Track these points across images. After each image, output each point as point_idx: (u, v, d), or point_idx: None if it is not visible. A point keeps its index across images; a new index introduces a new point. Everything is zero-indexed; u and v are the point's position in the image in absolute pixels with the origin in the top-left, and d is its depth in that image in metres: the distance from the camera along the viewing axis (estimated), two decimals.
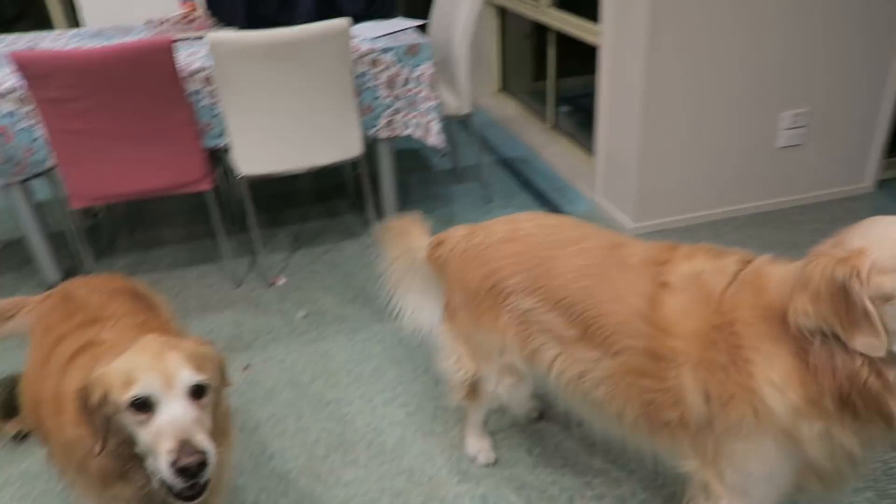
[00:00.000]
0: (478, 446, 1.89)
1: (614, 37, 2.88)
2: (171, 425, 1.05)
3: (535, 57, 4.58)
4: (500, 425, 1.99)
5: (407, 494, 1.80)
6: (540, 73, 4.35)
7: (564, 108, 4.16)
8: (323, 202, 3.42)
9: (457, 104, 3.07)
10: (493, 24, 4.63)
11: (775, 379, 1.11)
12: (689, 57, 2.70)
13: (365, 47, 2.66)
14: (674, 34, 2.64)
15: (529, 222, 1.55)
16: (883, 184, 3.28)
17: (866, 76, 2.97)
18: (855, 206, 3.15)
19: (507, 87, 4.83)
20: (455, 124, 3.54)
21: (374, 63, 2.68)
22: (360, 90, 2.67)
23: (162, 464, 1.03)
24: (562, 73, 4.02)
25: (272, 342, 2.38)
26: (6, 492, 1.83)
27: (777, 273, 1.17)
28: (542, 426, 2.00)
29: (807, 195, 3.16)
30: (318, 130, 2.59)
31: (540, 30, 4.10)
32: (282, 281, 2.74)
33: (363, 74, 2.68)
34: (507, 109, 4.61)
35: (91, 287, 1.48)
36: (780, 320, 1.12)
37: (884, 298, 0.99)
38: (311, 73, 2.44)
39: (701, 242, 1.34)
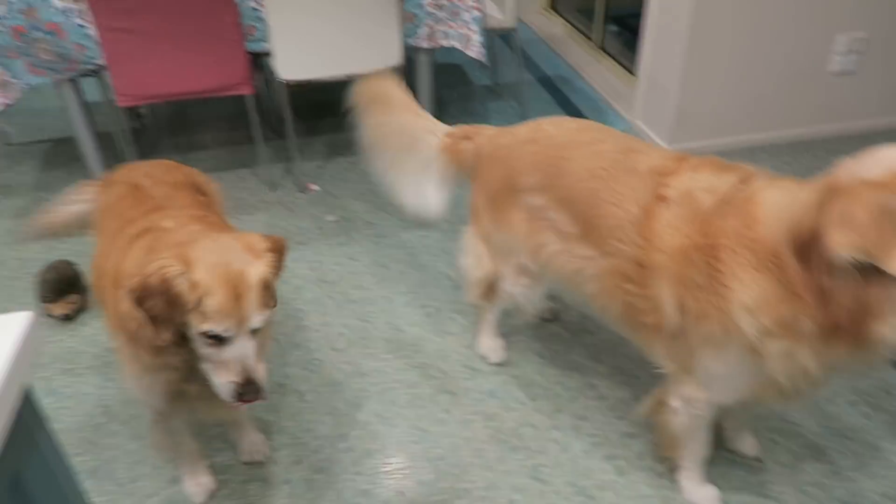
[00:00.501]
0: (490, 345, 1.98)
1: None
2: (237, 361, 1.16)
3: None
4: (513, 328, 2.08)
5: (420, 386, 1.92)
6: None
7: (612, 28, 4.03)
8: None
9: (501, 17, 3.02)
10: None
11: (749, 303, 1.16)
12: None
13: None
14: None
15: (552, 125, 1.59)
16: None
17: None
18: None
19: (556, 3, 4.69)
20: (498, 39, 3.49)
21: None
22: None
23: (223, 387, 1.17)
24: None
25: (302, 244, 2.50)
26: (54, 367, 2.01)
27: (769, 200, 1.18)
28: (555, 329, 2.08)
29: (851, 125, 3.05)
30: (359, 37, 2.60)
31: None
32: (315, 187, 2.83)
33: None
34: (555, 27, 4.50)
35: (156, 178, 1.55)
36: (765, 251, 1.14)
37: None
38: None
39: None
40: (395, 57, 2.68)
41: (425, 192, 1.81)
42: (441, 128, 1.79)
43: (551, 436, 1.77)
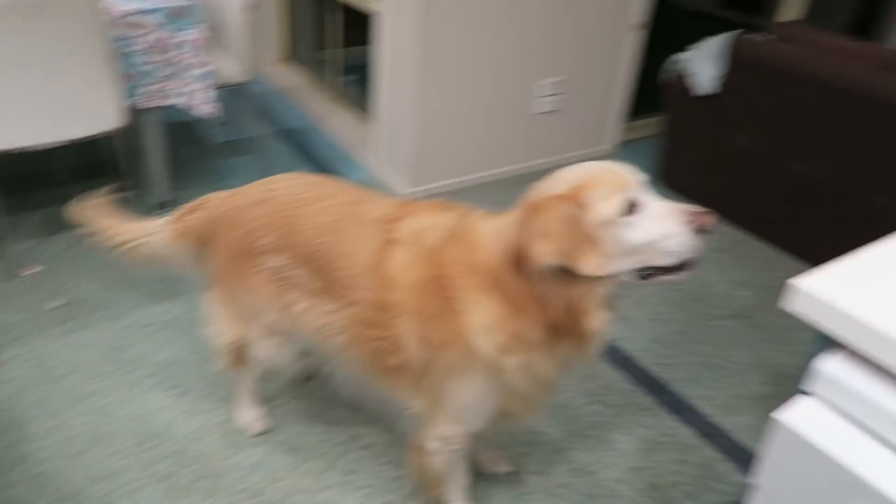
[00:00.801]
0: (249, 416, 1.90)
1: (393, 6, 2.95)
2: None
3: (320, 24, 4.52)
4: (273, 392, 2.02)
5: (176, 476, 1.77)
6: (326, 41, 4.32)
7: (349, 78, 4.18)
8: (82, 181, 3.15)
9: (233, 71, 2.97)
10: None
11: (483, 324, 1.26)
12: (461, 26, 2.85)
13: (120, 9, 2.46)
14: (448, 4, 2.75)
15: (282, 183, 1.60)
16: (624, 144, 3.73)
17: (609, 50, 3.32)
18: None
19: (293, 55, 4.73)
20: (232, 93, 3.42)
21: (134, 26, 2.49)
22: (117, 56, 2.48)
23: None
24: (347, 41, 4.03)
25: (20, 339, 2.19)
26: None
27: (484, 229, 1.31)
28: (315, 387, 2.06)
29: (560, 157, 3.49)
30: (63, 100, 2.37)
31: None
32: (35, 269, 2.51)
33: (122, 39, 2.49)
34: (293, 78, 4.53)
35: None
36: (487, 273, 1.26)
37: (604, 224, 1.16)
38: (50, 37, 2.22)
39: (469, 203, 1.45)
40: (111, 120, 2.49)
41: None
42: (159, 222, 1.74)
43: (322, 497, 1.75)
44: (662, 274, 1.20)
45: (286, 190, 1.57)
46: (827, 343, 0.87)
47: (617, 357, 2.25)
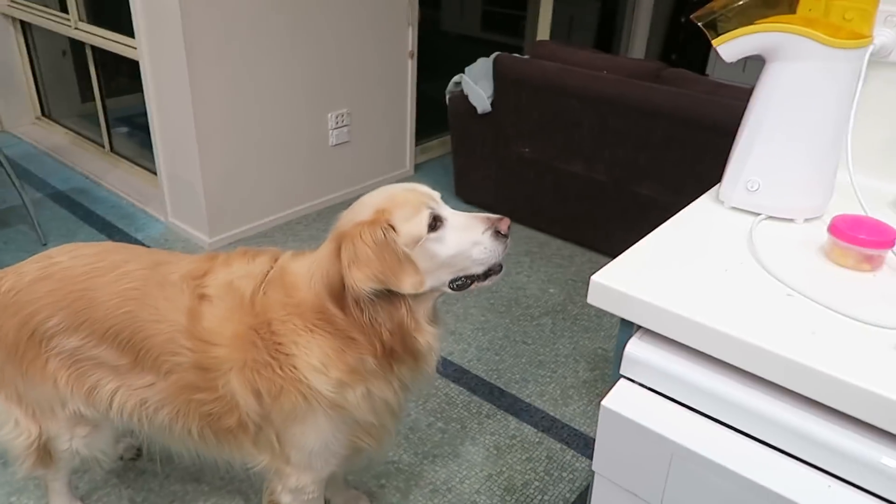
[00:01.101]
0: None
1: (152, 51, 2.78)
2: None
3: (79, 76, 4.13)
4: (94, 483, 1.79)
5: None
6: (87, 93, 3.96)
7: (121, 129, 3.86)
8: None
9: None
10: (15, 41, 4.03)
11: (316, 363, 1.23)
12: (232, 67, 2.75)
13: None
14: (211, 46, 2.65)
15: (65, 255, 1.42)
16: (419, 166, 3.87)
17: (390, 77, 3.43)
18: None
19: (50, 111, 4.27)
20: None
21: None
22: None
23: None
24: (113, 91, 3.72)
25: None
26: None
27: (297, 268, 1.28)
28: (143, 465, 1.86)
29: (362, 186, 3.53)
30: None
31: (78, 46, 3.71)
32: None
33: None
34: (56, 137, 4.09)
35: None
36: (310, 311, 1.23)
37: (413, 242, 1.17)
38: None
39: (278, 244, 1.40)
40: None
41: None
42: None
43: None
44: (476, 281, 1.26)
45: (71, 262, 1.40)
46: (629, 328, 0.96)
47: (451, 371, 2.31)
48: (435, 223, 1.20)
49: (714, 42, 1.10)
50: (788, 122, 1.07)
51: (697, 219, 1.13)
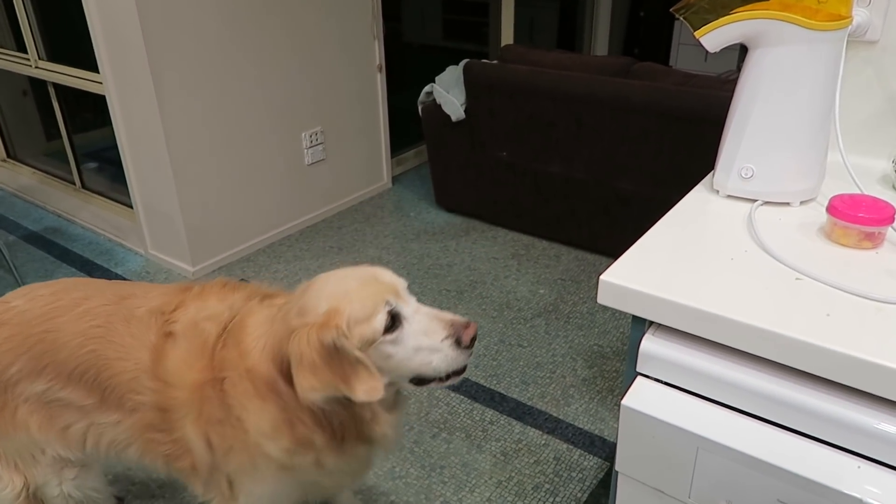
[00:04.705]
0: None
1: (118, 84, 2.74)
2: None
3: (42, 115, 4.06)
4: None
5: None
6: (52, 131, 3.88)
7: (91, 165, 3.79)
8: None
9: None
10: None
11: (267, 429, 1.18)
12: (201, 94, 2.72)
13: None
14: (179, 74, 2.62)
15: (20, 299, 1.38)
16: (396, 178, 3.86)
17: (361, 92, 3.42)
18: (381, 201, 3.63)
19: (14, 153, 4.19)
20: None
21: None
22: None
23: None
24: (79, 127, 3.66)
25: None
26: None
27: (253, 328, 1.21)
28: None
29: (342, 201, 3.51)
30: None
31: (39, 84, 3.64)
32: None
33: None
34: (21, 178, 4.00)
35: None
36: (260, 380, 1.16)
37: (367, 344, 1.09)
38: None
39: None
40: None
41: None
42: None
43: None
44: (436, 381, 1.17)
45: (28, 305, 1.35)
46: (641, 325, 0.96)
47: None
48: (393, 322, 1.11)
49: (696, 33, 1.11)
50: (776, 107, 1.08)
51: (695, 210, 1.13)
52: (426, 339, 1.13)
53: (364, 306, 1.10)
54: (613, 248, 2.95)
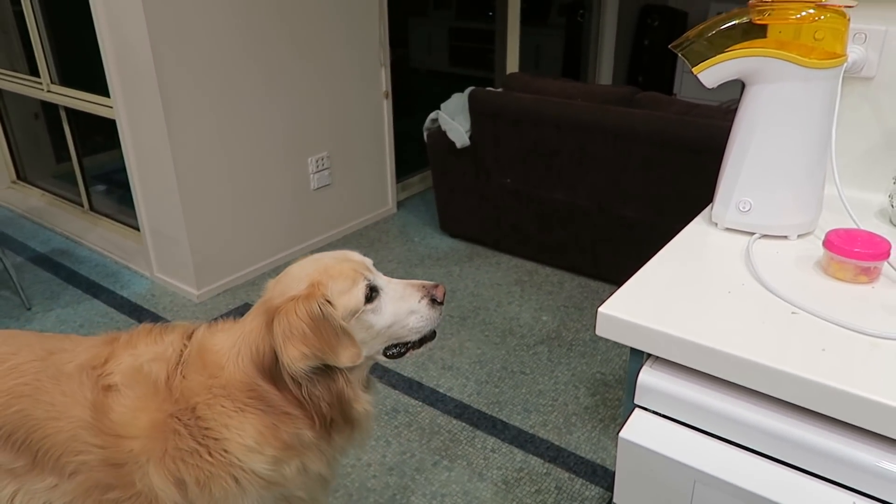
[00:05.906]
0: None
1: (128, 109, 2.78)
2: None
3: (53, 137, 4.12)
4: None
5: None
6: (62, 154, 3.94)
7: (99, 188, 3.84)
8: None
9: None
10: None
11: (250, 443, 1.17)
12: (210, 119, 2.76)
13: None
14: (188, 100, 2.66)
15: None
16: (401, 203, 3.89)
17: (368, 118, 3.46)
18: (386, 226, 3.65)
19: (24, 174, 4.24)
20: None
21: None
22: None
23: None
24: (88, 150, 3.71)
25: None
26: None
27: (219, 345, 1.21)
28: None
29: (347, 226, 3.54)
30: None
31: (50, 108, 3.70)
32: None
33: None
34: (30, 200, 4.05)
35: None
36: (239, 391, 1.17)
37: (351, 314, 1.15)
38: None
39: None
40: None
41: None
42: None
43: None
44: (411, 349, 1.25)
45: None
46: (639, 357, 0.97)
47: (452, 407, 2.29)
48: (371, 293, 1.18)
49: (694, 70, 1.13)
50: (773, 142, 1.09)
51: (693, 242, 1.14)
52: (404, 303, 1.22)
53: (345, 279, 1.16)
54: (616, 275, 2.95)
